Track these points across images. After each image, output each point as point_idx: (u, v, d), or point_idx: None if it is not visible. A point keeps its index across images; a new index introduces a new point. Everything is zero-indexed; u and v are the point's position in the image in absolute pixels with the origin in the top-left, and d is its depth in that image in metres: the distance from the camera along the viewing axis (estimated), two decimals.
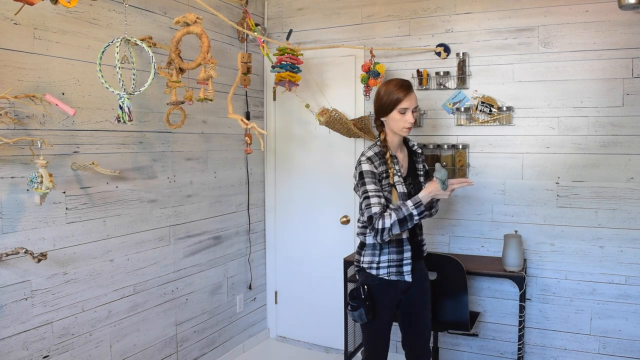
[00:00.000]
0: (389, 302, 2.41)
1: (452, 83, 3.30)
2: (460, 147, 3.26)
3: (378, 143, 2.41)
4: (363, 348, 2.53)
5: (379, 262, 2.37)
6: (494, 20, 3.17)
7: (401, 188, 2.35)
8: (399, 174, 2.38)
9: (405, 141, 2.54)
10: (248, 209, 3.73)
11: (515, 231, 3.07)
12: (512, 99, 3.15)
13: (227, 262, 3.52)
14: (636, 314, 2.95)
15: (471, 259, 3.16)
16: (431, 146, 3.31)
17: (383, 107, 2.35)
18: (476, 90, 3.23)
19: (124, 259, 2.68)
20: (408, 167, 2.48)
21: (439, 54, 3.29)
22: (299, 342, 3.92)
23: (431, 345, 3.07)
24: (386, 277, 2.36)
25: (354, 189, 2.40)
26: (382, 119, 2.39)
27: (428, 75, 3.33)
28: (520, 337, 2.99)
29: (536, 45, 3.08)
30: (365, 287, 2.36)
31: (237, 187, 3.62)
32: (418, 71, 3.34)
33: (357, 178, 2.34)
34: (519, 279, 2.89)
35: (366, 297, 2.34)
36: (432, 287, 2.86)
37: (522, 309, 2.96)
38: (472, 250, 3.32)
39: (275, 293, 3.99)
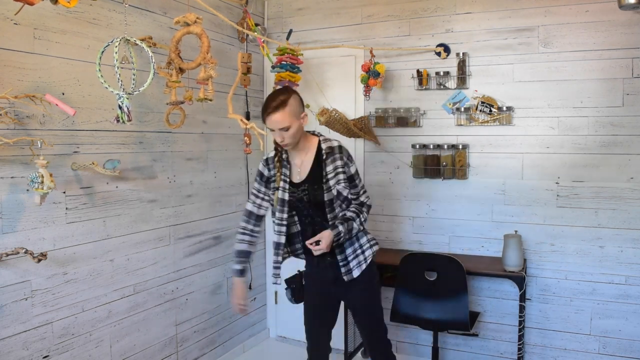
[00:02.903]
0: (315, 288, 2.55)
1: (452, 83, 3.30)
2: (460, 147, 3.26)
3: (274, 146, 2.39)
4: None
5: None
6: (494, 20, 3.17)
7: (281, 194, 2.35)
8: (286, 179, 2.36)
9: (319, 143, 2.35)
10: None
11: (515, 231, 3.07)
12: (512, 99, 3.15)
13: (227, 262, 3.52)
14: (636, 314, 2.95)
15: (471, 259, 3.17)
16: (431, 146, 3.31)
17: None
18: (476, 90, 3.23)
19: (124, 259, 2.68)
20: (310, 172, 2.33)
21: (439, 54, 3.29)
22: (299, 342, 3.92)
23: (431, 345, 3.07)
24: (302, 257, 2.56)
25: None
26: None
27: (428, 75, 3.33)
28: (520, 337, 2.99)
29: (536, 45, 3.08)
30: (298, 271, 2.60)
31: (237, 187, 3.62)
32: (418, 71, 3.34)
33: None
34: (519, 279, 2.89)
35: (291, 281, 2.60)
36: (432, 287, 2.87)
37: (522, 309, 2.96)
38: (472, 250, 3.32)
39: (275, 293, 3.99)
